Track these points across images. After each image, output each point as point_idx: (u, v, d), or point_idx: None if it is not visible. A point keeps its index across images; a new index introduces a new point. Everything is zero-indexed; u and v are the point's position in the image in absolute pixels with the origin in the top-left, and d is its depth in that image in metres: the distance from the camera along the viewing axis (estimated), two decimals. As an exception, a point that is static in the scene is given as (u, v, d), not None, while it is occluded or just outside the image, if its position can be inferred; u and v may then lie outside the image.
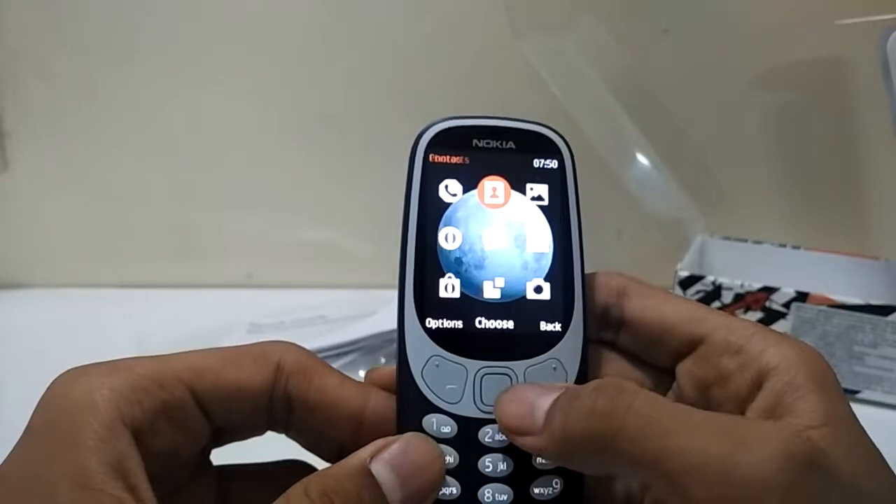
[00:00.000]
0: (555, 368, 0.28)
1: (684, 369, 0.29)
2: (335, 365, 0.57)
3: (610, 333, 0.30)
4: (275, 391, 0.27)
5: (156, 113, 0.66)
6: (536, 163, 0.29)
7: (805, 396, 0.25)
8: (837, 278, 0.59)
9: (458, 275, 0.28)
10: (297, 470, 0.30)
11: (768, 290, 0.55)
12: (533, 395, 0.26)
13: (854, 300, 0.53)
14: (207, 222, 0.69)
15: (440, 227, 0.29)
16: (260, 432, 0.28)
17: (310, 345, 0.58)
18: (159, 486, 0.24)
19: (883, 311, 0.52)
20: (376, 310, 0.61)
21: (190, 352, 0.27)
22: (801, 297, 0.54)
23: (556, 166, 0.29)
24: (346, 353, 0.57)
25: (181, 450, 0.26)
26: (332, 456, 0.28)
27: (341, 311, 0.63)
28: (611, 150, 0.61)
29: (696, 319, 0.29)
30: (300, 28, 0.64)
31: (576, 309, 0.28)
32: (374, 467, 0.25)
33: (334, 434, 0.28)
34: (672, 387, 0.30)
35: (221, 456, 0.29)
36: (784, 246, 0.63)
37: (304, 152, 0.68)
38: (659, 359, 0.30)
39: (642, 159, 0.62)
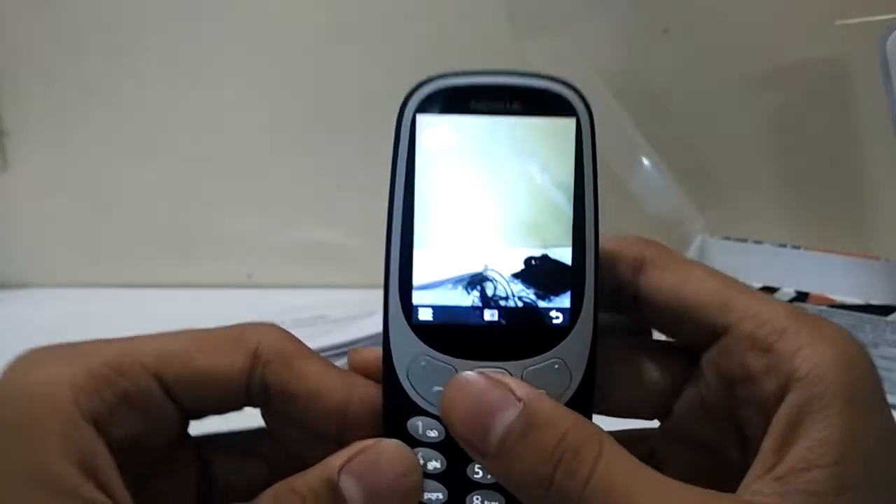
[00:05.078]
0: (557, 368, 0.25)
1: (709, 361, 0.26)
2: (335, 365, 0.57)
3: (623, 313, 0.27)
4: (251, 379, 0.25)
5: (156, 113, 0.66)
6: (546, 127, 0.25)
7: (828, 419, 0.22)
8: (837, 278, 0.59)
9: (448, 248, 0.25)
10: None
11: (768, 290, 0.55)
12: (487, 402, 0.23)
13: (854, 300, 0.53)
14: (207, 222, 0.69)
15: (431, 206, 0.25)
16: (238, 409, 0.27)
17: (310, 345, 0.58)
18: (132, 474, 0.23)
19: (883, 311, 0.52)
20: (376, 310, 0.61)
21: (161, 334, 0.25)
22: (801, 297, 0.54)
23: (569, 131, 0.25)
24: (346, 353, 0.57)
25: (150, 437, 0.25)
26: (304, 449, 0.26)
27: (341, 311, 0.63)
28: (611, 149, 0.61)
29: (721, 304, 0.25)
30: (300, 29, 0.64)
31: (586, 299, 0.25)
32: (342, 481, 0.23)
33: (317, 427, 0.26)
34: (698, 376, 0.27)
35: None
36: (784, 246, 0.63)
37: (303, 152, 0.68)
38: (681, 342, 0.27)
39: (642, 159, 0.62)
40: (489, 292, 0.25)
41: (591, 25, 0.61)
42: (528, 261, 0.25)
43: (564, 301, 0.25)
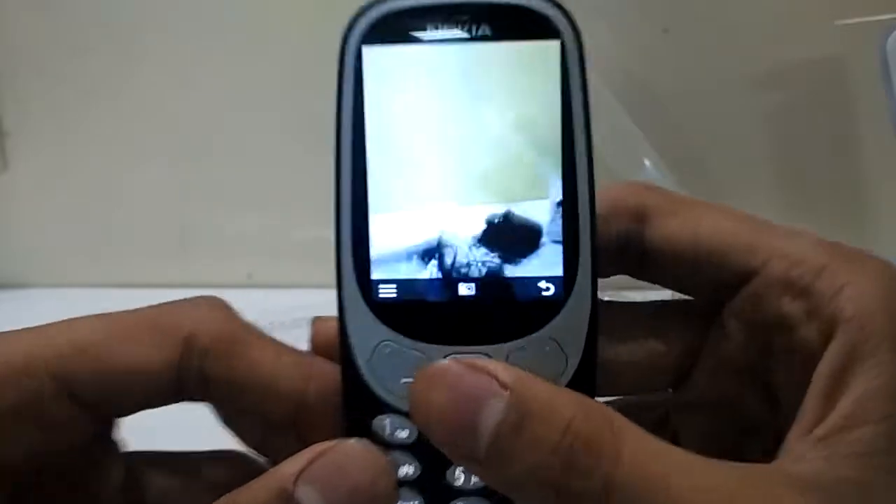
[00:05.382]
0: (549, 350, 0.21)
1: (734, 311, 0.22)
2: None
3: (632, 273, 0.24)
4: (183, 371, 0.21)
5: (156, 113, 0.66)
6: (523, 54, 0.20)
7: (879, 366, 0.19)
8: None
9: (412, 209, 0.21)
10: (230, 463, 0.24)
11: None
12: (467, 394, 0.18)
13: (854, 300, 0.53)
14: (207, 222, 0.69)
15: (387, 160, 0.21)
16: (173, 403, 0.23)
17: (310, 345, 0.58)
18: (38, 483, 0.21)
19: (883, 311, 0.52)
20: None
21: (69, 322, 0.22)
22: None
23: (552, 56, 0.20)
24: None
25: (51, 447, 0.21)
26: (266, 444, 0.23)
27: (341, 311, 0.63)
28: (611, 149, 0.61)
29: (744, 245, 0.22)
30: (300, 28, 0.64)
31: (581, 264, 0.21)
32: (299, 491, 0.19)
33: (275, 420, 0.22)
34: (719, 333, 0.23)
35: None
36: (784, 246, 0.63)
37: (304, 152, 0.68)
38: (696, 296, 0.23)
39: (643, 159, 0.62)
40: (462, 261, 0.21)
41: (591, 25, 0.61)
42: (506, 220, 0.21)
43: (555, 267, 0.21)
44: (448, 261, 0.21)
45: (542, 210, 0.21)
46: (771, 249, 0.21)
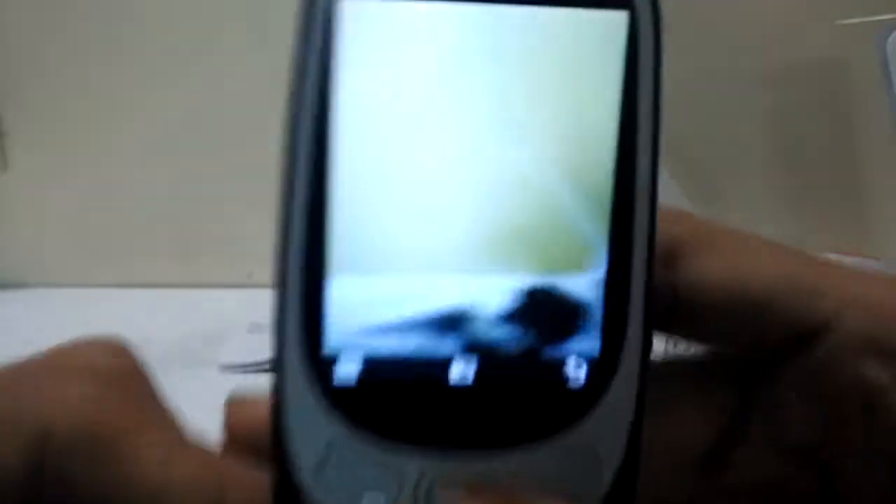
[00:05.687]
0: (578, 457, 0.15)
1: (792, 375, 0.17)
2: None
3: (664, 328, 0.18)
4: (37, 480, 0.15)
5: (156, 112, 0.66)
6: (576, 27, 0.14)
7: None
8: (837, 278, 0.59)
9: (393, 269, 0.14)
10: None
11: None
12: None
13: (854, 300, 0.53)
14: (207, 222, 0.69)
15: (362, 178, 0.14)
16: None
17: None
18: None
19: (883, 311, 0.52)
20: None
21: None
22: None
23: (616, 34, 0.14)
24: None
25: None
26: None
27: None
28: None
29: (807, 290, 0.16)
30: (300, 28, 0.64)
31: (630, 339, 0.15)
32: None
33: None
34: (769, 401, 0.18)
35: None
36: (784, 246, 0.62)
37: (304, 152, 0.68)
38: (738, 354, 0.18)
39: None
40: (463, 333, 0.15)
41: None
42: (529, 276, 0.15)
43: (591, 344, 0.15)
44: (441, 331, 0.14)
45: (578, 263, 0.15)
46: (845, 296, 0.16)
